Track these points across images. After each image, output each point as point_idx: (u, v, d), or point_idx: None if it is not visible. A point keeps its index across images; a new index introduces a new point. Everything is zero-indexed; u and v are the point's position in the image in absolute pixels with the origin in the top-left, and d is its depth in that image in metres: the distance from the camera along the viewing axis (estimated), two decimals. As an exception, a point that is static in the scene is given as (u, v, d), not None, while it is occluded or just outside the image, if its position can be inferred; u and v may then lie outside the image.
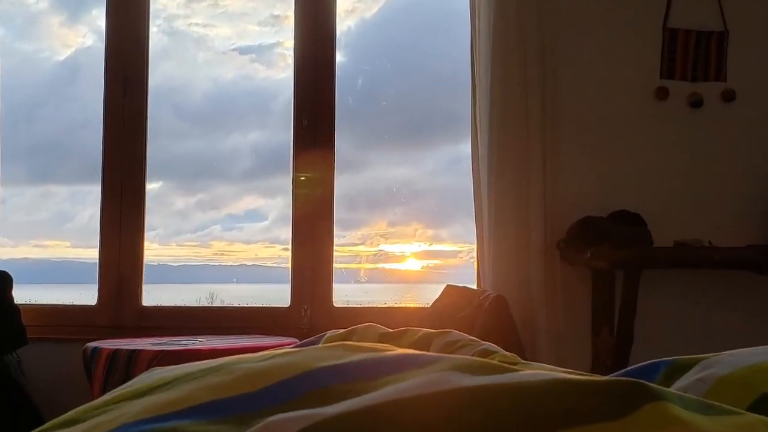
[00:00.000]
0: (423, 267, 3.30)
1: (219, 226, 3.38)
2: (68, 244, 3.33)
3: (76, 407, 0.73)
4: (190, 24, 3.29)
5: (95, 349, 2.34)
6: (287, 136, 3.12)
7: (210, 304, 3.20)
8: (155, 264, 3.13)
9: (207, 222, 3.40)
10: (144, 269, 3.04)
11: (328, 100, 3.07)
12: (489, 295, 2.64)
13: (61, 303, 3.12)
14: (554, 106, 2.91)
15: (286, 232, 3.11)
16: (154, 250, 3.14)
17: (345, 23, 3.25)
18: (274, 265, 3.29)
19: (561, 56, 2.98)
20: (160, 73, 3.19)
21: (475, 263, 3.01)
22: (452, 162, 3.32)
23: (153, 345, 2.38)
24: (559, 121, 2.94)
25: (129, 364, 2.26)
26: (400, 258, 3.29)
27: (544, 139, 2.85)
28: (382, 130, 3.28)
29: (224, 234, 3.38)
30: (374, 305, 3.19)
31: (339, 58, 3.11)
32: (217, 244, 3.35)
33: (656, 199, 3.00)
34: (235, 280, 3.32)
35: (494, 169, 2.81)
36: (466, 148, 3.03)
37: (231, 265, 3.34)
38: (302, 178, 3.05)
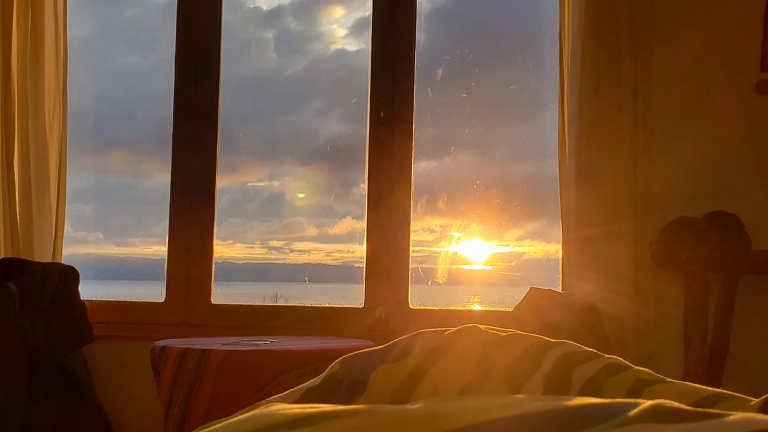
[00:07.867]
0: (503, 268, 3.17)
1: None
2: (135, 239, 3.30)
3: (141, 406, 0.57)
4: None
5: (164, 347, 2.28)
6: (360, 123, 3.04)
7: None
8: (219, 261, 3.05)
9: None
10: (213, 266, 3.01)
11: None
12: (577, 299, 2.56)
13: (127, 299, 3.07)
14: (646, 95, 2.77)
15: (360, 229, 3.05)
16: (218, 246, 3.07)
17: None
18: (346, 263, 3.19)
19: (655, 45, 2.83)
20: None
21: (560, 265, 2.88)
22: (537, 149, 3.16)
23: (223, 344, 2.32)
24: (651, 114, 2.80)
25: (199, 364, 2.20)
26: (479, 258, 3.17)
27: (635, 132, 2.72)
28: (461, 124, 3.14)
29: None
30: (453, 308, 3.09)
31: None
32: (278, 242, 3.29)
33: (754, 201, 2.82)
34: (306, 279, 3.24)
35: (583, 149, 2.69)
36: (553, 132, 2.89)
37: (296, 264, 3.26)
38: (377, 174, 2.97)
